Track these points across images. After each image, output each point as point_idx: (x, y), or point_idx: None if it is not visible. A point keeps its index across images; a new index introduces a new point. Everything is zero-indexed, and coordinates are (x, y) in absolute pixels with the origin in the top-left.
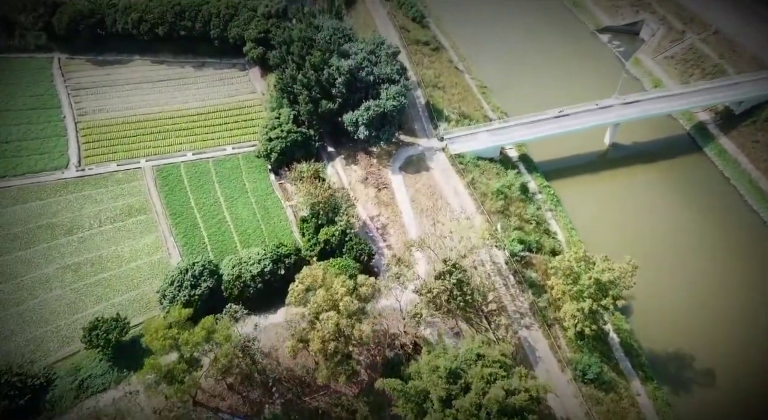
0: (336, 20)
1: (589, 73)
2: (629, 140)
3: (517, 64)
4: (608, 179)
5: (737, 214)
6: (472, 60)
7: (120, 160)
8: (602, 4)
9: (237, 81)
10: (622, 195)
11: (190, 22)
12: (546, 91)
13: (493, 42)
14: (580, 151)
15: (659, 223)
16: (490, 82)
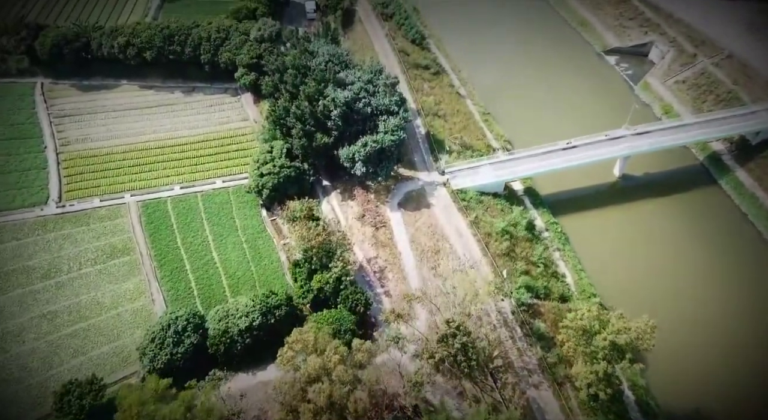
0: (332, 45)
1: (596, 98)
2: (640, 171)
3: (522, 87)
4: (618, 214)
5: (756, 253)
6: (474, 84)
7: (103, 194)
8: (609, 23)
9: (228, 107)
10: (632, 231)
11: (179, 46)
12: (551, 116)
13: (497, 64)
14: (589, 183)
15: (673, 263)
16: (493, 108)
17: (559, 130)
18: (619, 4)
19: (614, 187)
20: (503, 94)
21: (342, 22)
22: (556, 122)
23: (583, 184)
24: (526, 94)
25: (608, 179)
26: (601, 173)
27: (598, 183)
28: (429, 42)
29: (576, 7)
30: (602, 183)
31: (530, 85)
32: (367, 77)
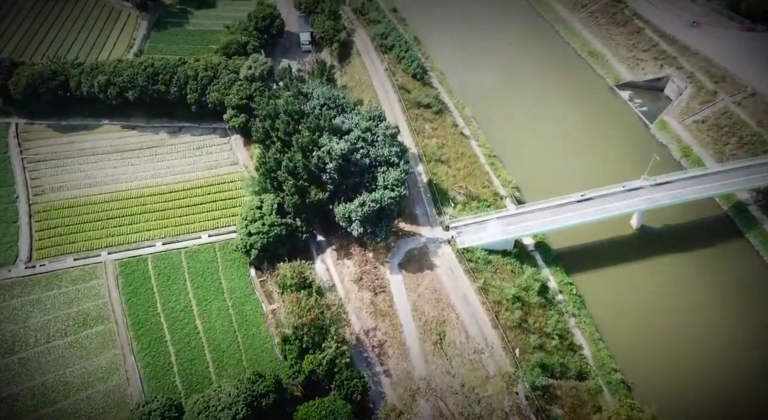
0: (327, 86)
1: (609, 137)
2: (659, 222)
3: (530, 125)
4: (637, 270)
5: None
6: (479, 121)
7: (78, 252)
8: (622, 55)
9: (217, 149)
10: (653, 290)
11: (164, 85)
12: (562, 159)
13: (502, 99)
14: (604, 236)
15: (699, 326)
16: (500, 149)
17: (569, 173)
18: (631, 35)
19: (631, 240)
20: (510, 133)
21: (339, 54)
22: (566, 165)
23: (598, 237)
24: (534, 132)
25: (625, 231)
26: (617, 225)
27: (614, 235)
28: (431, 75)
29: (587, 38)
30: (618, 235)
31: (539, 122)
32: (366, 124)
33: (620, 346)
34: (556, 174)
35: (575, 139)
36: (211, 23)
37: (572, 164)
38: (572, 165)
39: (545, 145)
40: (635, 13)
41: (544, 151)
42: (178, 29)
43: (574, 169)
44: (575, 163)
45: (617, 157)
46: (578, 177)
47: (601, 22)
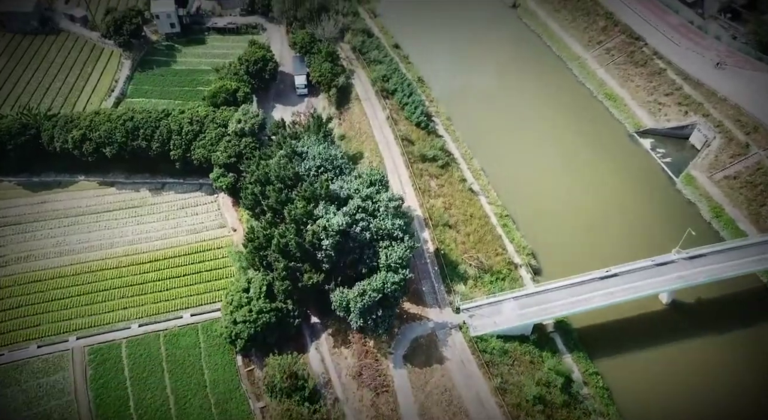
0: (324, 143)
1: (631, 192)
2: (692, 297)
3: (544, 178)
4: (669, 354)
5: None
6: (488, 174)
7: (43, 337)
8: (642, 99)
9: (203, 210)
10: (688, 378)
11: (145, 141)
12: (580, 216)
13: (514, 147)
14: (631, 313)
15: None
16: (512, 206)
17: (589, 235)
18: (652, 77)
19: (661, 316)
20: (523, 188)
21: (337, 100)
22: (585, 225)
23: (624, 314)
24: (549, 187)
25: (654, 307)
26: (646, 300)
27: (642, 312)
28: (435, 121)
29: (603, 78)
30: (647, 312)
31: (554, 175)
32: (366, 191)
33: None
34: (574, 236)
35: (594, 194)
36: (199, 62)
37: (592, 225)
38: (592, 225)
39: (561, 201)
40: (655, 52)
41: (560, 209)
42: (164, 69)
43: (594, 230)
44: (595, 224)
45: (641, 216)
46: (599, 240)
47: (618, 61)
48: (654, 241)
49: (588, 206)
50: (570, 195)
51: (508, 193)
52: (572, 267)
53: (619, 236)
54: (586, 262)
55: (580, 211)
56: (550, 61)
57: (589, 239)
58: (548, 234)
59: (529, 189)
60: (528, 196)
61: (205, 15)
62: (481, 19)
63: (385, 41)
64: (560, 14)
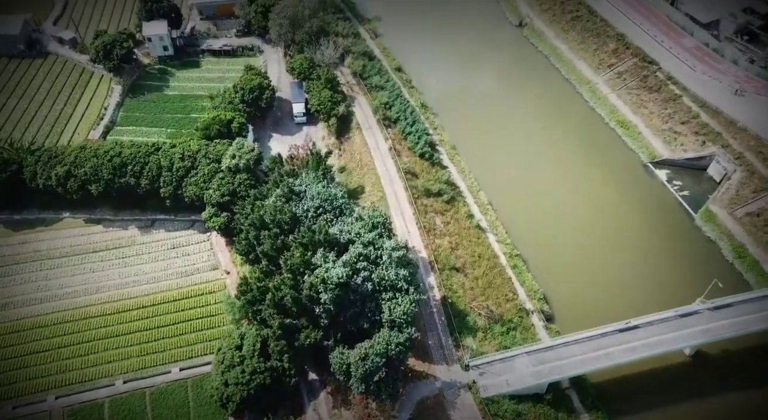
0: (323, 181)
1: (647, 227)
2: (716, 348)
3: (555, 211)
4: (692, 414)
5: None
6: (496, 208)
7: (19, 397)
8: (656, 127)
9: (195, 250)
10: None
11: (133, 178)
12: (594, 255)
13: (522, 178)
14: (652, 366)
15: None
16: (522, 244)
17: (604, 276)
18: (667, 103)
19: (684, 370)
20: (532, 223)
21: (337, 129)
22: (600, 264)
23: (644, 367)
24: (560, 222)
25: (676, 359)
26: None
27: (664, 365)
28: (440, 151)
29: (615, 104)
30: (669, 365)
31: (565, 208)
32: (368, 236)
33: None
34: (587, 277)
35: (608, 231)
36: (193, 86)
37: (606, 264)
38: (606, 265)
39: (573, 237)
40: (670, 76)
41: (572, 246)
42: (157, 94)
43: (609, 269)
44: (610, 263)
45: (659, 255)
46: (614, 280)
47: (630, 86)
48: (674, 282)
49: (602, 244)
50: (582, 231)
51: (518, 229)
52: (586, 312)
53: (636, 277)
54: (600, 306)
55: (594, 248)
56: (559, 84)
57: (604, 280)
58: (560, 275)
59: (539, 224)
60: (538, 232)
61: (199, 36)
62: (487, 38)
63: (386, 64)
64: (569, 35)
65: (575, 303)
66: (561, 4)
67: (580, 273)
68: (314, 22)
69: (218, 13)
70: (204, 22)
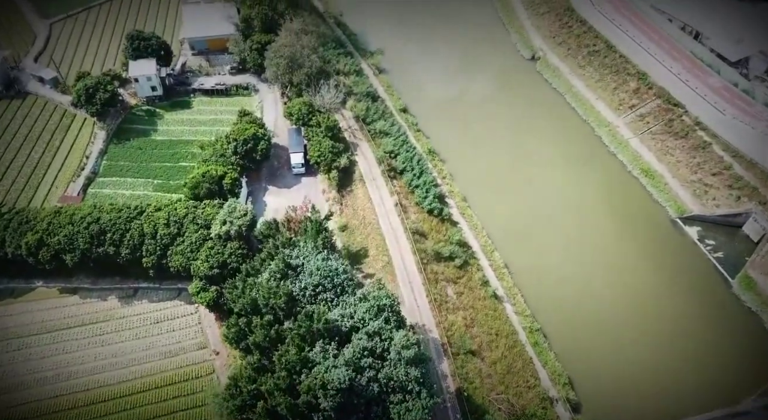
0: (323, 252)
1: (679, 292)
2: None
3: (576, 274)
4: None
5: None
6: (513, 272)
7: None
8: (684, 177)
9: (181, 324)
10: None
11: (112, 247)
12: (621, 324)
13: (539, 236)
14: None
15: None
16: (542, 315)
17: (632, 352)
18: (695, 151)
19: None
20: (552, 289)
21: (338, 182)
22: (628, 338)
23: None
24: (582, 287)
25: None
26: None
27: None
28: (449, 204)
29: (638, 150)
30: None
31: (586, 270)
32: (374, 325)
33: None
34: (617, 353)
35: (636, 296)
36: (183, 130)
37: (636, 338)
38: (637, 338)
39: (596, 305)
40: (697, 121)
41: (595, 315)
42: (144, 139)
43: (640, 345)
44: (640, 336)
45: (693, 327)
46: (644, 358)
47: (654, 131)
48: (715, 363)
49: (630, 313)
50: (608, 298)
51: (536, 296)
52: (615, 399)
53: (670, 356)
54: (631, 391)
55: (621, 318)
56: (576, 125)
57: (634, 358)
58: (585, 352)
59: (560, 289)
60: (559, 300)
61: (191, 74)
62: (497, 73)
63: (391, 104)
64: (585, 71)
65: (603, 387)
66: (576, 38)
67: (607, 349)
68: (314, 62)
69: (211, 48)
70: (196, 58)
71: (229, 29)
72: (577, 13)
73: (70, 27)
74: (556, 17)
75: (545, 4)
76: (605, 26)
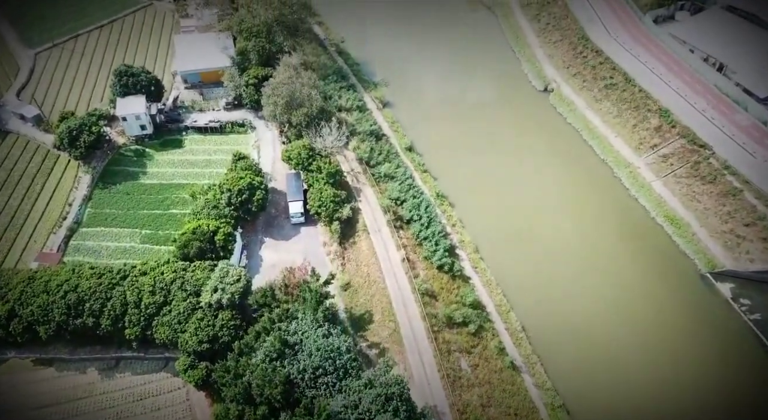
0: (324, 326)
1: (713, 361)
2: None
3: (597, 338)
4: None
5: None
6: (531, 335)
7: None
8: (714, 227)
9: (167, 401)
10: None
11: (91, 318)
12: (648, 399)
13: (556, 286)
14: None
15: None
16: (564, 388)
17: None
18: (725, 198)
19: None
20: (574, 355)
21: (341, 233)
22: (661, 410)
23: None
24: (604, 353)
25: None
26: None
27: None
28: (461, 256)
29: (662, 195)
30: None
31: (609, 333)
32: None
33: None
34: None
35: (663, 364)
36: (174, 173)
37: (669, 410)
38: (669, 412)
39: (621, 375)
40: (726, 165)
41: (623, 387)
42: (131, 184)
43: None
44: (668, 413)
45: (727, 391)
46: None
47: (679, 174)
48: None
49: (656, 383)
50: (632, 366)
51: (557, 364)
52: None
53: None
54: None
55: (648, 389)
56: (594, 165)
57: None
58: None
59: (581, 355)
60: (581, 367)
61: (183, 110)
62: (508, 106)
63: (396, 142)
64: (602, 106)
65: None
66: (592, 69)
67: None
68: (314, 101)
69: (205, 81)
70: (189, 91)
71: (224, 61)
72: (591, 41)
73: (57, 57)
74: (570, 46)
75: (557, 32)
76: (622, 57)
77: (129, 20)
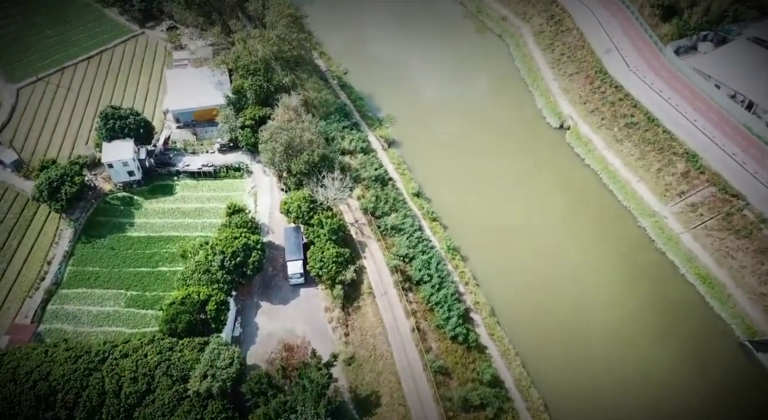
0: (322, 405)
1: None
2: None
3: (630, 414)
4: None
5: None
6: (555, 417)
7: None
8: (751, 288)
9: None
10: None
11: (64, 410)
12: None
13: (577, 358)
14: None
15: None
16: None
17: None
18: (763, 256)
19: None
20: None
21: (344, 297)
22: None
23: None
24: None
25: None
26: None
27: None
28: (476, 322)
29: (692, 250)
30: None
31: (641, 403)
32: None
33: None
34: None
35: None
36: (164, 224)
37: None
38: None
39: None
40: (763, 218)
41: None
42: (117, 237)
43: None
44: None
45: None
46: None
47: (709, 225)
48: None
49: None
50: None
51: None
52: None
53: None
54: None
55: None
56: (615, 213)
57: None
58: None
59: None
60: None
61: (175, 151)
62: (522, 144)
63: (403, 186)
64: (623, 146)
65: None
66: (611, 105)
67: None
68: (315, 147)
69: (198, 120)
70: (181, 130)
71: (219, 99)
72: (610, 75)
73: (41, 92)
74: (587, 80)
75: (573, 64)
76: (643, 92)
77: (119, 51)
